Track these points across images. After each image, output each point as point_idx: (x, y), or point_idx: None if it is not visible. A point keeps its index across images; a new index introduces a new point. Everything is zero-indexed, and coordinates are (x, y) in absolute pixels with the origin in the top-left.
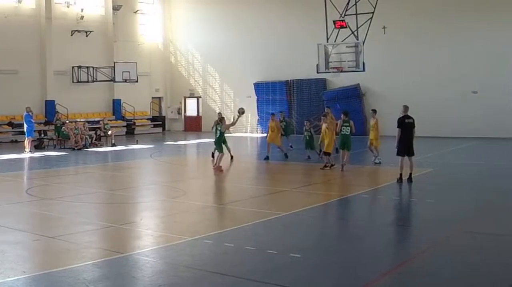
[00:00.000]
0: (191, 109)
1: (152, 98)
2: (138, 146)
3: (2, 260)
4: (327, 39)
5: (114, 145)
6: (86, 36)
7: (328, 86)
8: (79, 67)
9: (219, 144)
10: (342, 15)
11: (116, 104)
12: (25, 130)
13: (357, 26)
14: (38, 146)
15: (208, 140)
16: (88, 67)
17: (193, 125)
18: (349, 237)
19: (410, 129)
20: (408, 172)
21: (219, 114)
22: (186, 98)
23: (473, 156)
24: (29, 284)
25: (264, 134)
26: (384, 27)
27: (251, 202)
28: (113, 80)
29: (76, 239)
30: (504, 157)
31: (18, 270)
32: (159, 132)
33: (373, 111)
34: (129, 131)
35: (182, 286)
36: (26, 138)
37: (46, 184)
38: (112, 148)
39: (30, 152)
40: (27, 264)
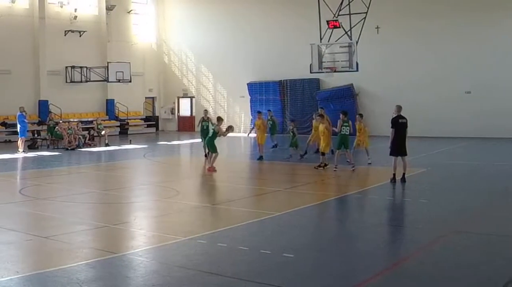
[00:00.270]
0: (185, 109)
1: (145, 98)
2: (131, 146)
3: None
4: (321, 39)
5: (107, 145)
6: (80, 36)
7: (321, 86)
8: (73, 67)
9: (212, 143)
10: (336, 15)
11: (109, 104)
12: (18, 130)
13: (350, 26)
14: (32, 146)
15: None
16: (81, 67)
17: (186, 125)
18: (342, 237)
19: (403, 129)
20: (401, 172)
21: (205, 112)
22: (180, 98)
23: (466, 156)
24: (22, 284)
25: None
26: (377, 27)
27: (245, 202)
28: (106, 80)
29: (69, 239)
30: (497, 157)
31: (12, 270)
32: (153, 132)
33: (359, 116)
34: (122, 131)
35: (175, 286)
36: (20, 139)
37: (40, 184)
38: (105, 148)
39: (23, 152)
40: (21, 264)
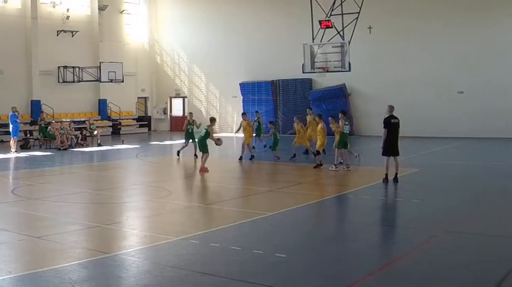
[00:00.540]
0: (177, 109)
1: (138, 98)
2: (123, 146)
3: None
4: (313, 39)
5: (100, 145)
6: (72, 36)
7: (314, 86)
8: (65, 67)
9: (204, 143)
10: (328, 15)
11: (102, 104)
12: (10, 130)
13: (343, 26)
14: (24, 146)
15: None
16: (74, 67)
17: (179, 125)
18: (334, 237)
19: (395, 129)
20: (393, 172)
21: (190, 115)
22: (172, 98)
23: (459, 156)
24: (15, 284)
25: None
26: (370, 27)
27: (237, 202)
28: (99, 80)
29: (62, 239)
30: (490, 157)
31: (4, 270)
32: (145, 132)
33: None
34: (114, 131)
35: (167, 286)
36: (12, 139)
37: (32, 184)
38: (97, 148)
39: (15, 152)
40: (13, 264)
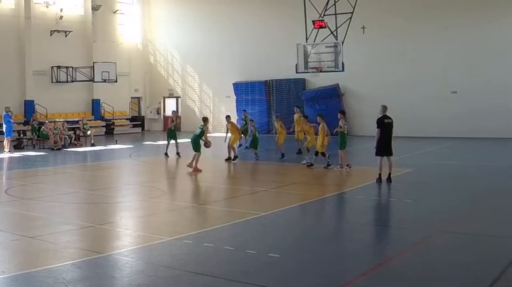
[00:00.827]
0: (171, 109)
1: (131, 98)
2: (117, 146)
3: None
4: (306, 39)
5: (93, 145)
6: (66, 36)
7: (307, 86)
8: (58, 67)
9: (197, 142)
10: (321, 15)
11: (95, 104)
12: (4, 130)
13: (336, 26)
14: (17, 146)
15: (188, 140)
16: (67, 67)
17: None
18: (328, 237)
19: (389, 129)
20: (387, 172)
21: (174, 113)
22: (165, 98)
23: (452, 156)
24: (8, 284)
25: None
26: (363, 27)
27: (230, 202)
28: (92, 80)
29: (55, 239)
30: (483, 157)
31: None
32: (138, 132)
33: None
34: (108, 131)
35: (161, 286)
36: (5, 139)
37: (25, 184)
38: (91, 148)
39: (9, 152)
40: (7, 264)
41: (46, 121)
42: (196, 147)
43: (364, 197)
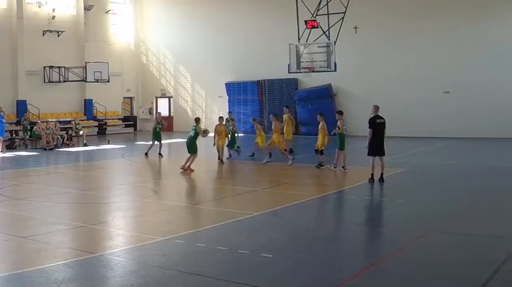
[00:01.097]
0: (163, 109)
1: (123, 98)
2: (109, 146)
3: None
4: (299, 39)
5: (85, 145)
6: (58, 36)
7: (299, 86)
8: (51, 67)
9: (193, 144)
10: (314, 15)
11: (87, 104)
12: None
13: (328, 26)
14: (10, 146)
15: (180, 140)
16: (59, 67)
17: (164, 125)
18: (320, 237)
19: (381, 129)
20: (379, 172)
21: (159, 114)
22: (158, 98)
23: (444, 156)
24: (0, 284)
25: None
26: (355, 27)
27: (222, 202)
28: (84, 80)
29: (47, 239)
30: (476, 157)
31: None
32: (131, 132)
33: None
34: (100, 131)
35: (153, 286)
36: None
37: (18, 184)
38: (83, 148)
39: (1, 152)
40: None
41: (39, 121)
42: (192, 149)
43: (356, 197)
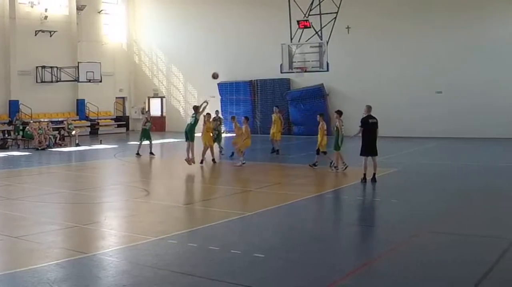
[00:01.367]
0: (155, 109)
1: (116, 98)
2: (102, 146)
3: None
4: (291, 39)
5: (78, 145)
6: (50, 36)
7: (292, 86)
8: (43, 67)
9: (192, 131)
10: (306, 15)
11: (80, 104)
12: None
13: (321, 26)
14: (2, 146)
15: (172, 140)
16: (52, 67)
17: (157, 125)
18: (313, 237)
19: (373, 129)
20: (372, 172)
21: (148, 113)
22: (150, 98)
23: (437, 156)
24: None
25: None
26: (348, 27)
27: (215, 202)
28: (77, 80)
29: (40, 239)
30: (468, 157)
31: None
32: (123, 132)
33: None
34: (93, 131)
35: (146, 286)
36: None
37: (10, 184)
38: (76, 148)
39: None
40: None
41: (31, 121)
42: (191, 136)
43: (349, 197)
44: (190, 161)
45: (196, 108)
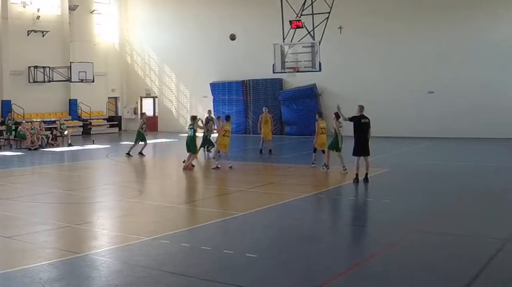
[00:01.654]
0: (148, 109)
1: (108, 98)
2: (94, 146)
3: None
4: (283, 39)
5: (70, 145)
6: (43, 36)
7: (284, 86)
8: (36, 67)
9: (194, 143)
10: (298, 15)
11: (72, 104)
12: None
13: (313, 26)
14: None
15: (165, 140)
16: (44, 67)
17: (149, 125)
18: (305, 237)
19: (366, 129)
20: (364, 172)
21: (144, 115)
22: (142, 98)
23: (429, 156)
24: None
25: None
26: (340, 27)
27: (208, 202)
28: (69, 80)
29: (32, 239)
30: (460, 157)
31: None
32: (115, 132)
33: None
34: (85, 131)
35: (138, 286)
36: None
37: (3, 184)
38: (68, 148)
39: None
40: None
41: (23, 121)
42: (192, 148)
43: (341, 197)
44: (188, 167)
45: (194, 118)
